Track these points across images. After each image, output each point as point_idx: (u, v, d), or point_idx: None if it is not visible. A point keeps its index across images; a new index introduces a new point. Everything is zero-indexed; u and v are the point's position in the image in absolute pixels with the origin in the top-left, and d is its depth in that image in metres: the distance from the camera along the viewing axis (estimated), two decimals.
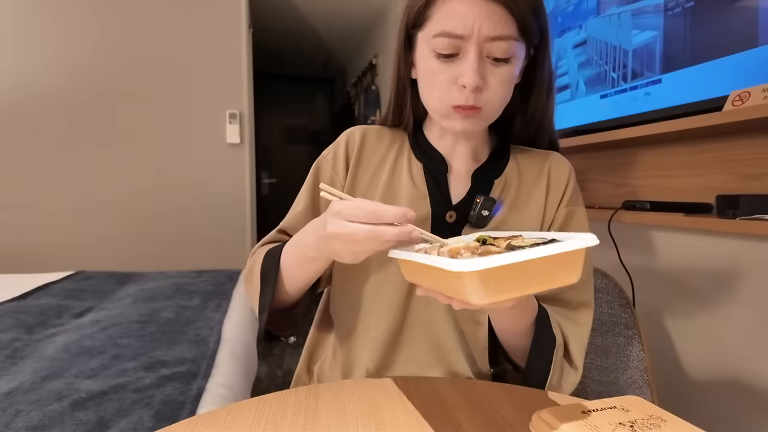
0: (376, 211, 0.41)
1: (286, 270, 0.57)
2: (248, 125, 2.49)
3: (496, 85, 0.53)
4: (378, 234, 0.41)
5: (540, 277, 0.34)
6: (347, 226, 0.42)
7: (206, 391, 0.79)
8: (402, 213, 0.41)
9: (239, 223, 2.49)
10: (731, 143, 0.88)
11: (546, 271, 0.34)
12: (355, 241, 0.42)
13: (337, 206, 0.43)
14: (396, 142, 0.66)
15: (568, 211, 0.62)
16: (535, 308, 0.55)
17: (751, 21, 0.79)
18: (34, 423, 0.65)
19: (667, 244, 1.01)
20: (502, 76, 0.53)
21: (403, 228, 0.41)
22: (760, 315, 0.82)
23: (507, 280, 0.34)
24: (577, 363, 0.57)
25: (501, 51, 0.51)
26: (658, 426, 0.36)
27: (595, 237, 0.35)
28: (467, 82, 0.51)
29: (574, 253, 0.34)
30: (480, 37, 0.50)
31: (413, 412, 0.45)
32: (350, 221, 0.42)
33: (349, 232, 0.42)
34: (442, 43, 0.52)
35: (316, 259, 0.53)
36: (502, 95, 0.55)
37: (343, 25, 3.44)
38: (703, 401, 0.92)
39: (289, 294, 0.59)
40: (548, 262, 0.34)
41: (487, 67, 0.53)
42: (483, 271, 0.32)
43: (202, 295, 1.39)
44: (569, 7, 1.26)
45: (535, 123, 0.64)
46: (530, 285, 0.35)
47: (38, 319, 1.15)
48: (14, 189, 2.17)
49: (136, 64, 2.29)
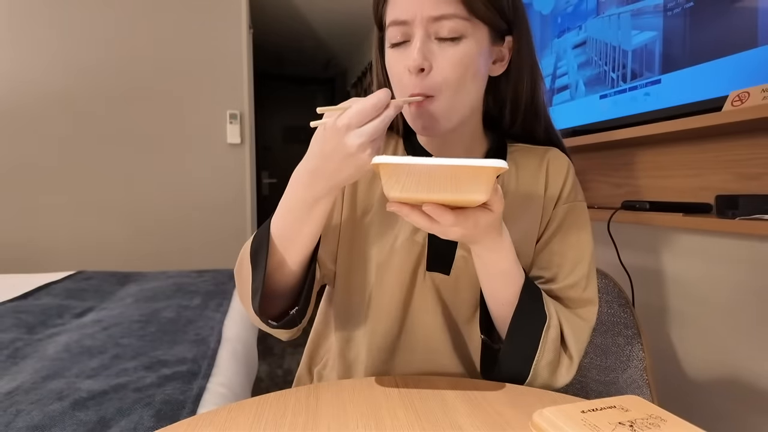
0: (377, 102, 0.43)
1: (282, 235, 0.52)
2: (249, 125, 2.49)
3: (446, 65, 0.50)
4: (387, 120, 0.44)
5: (445, 184, 0.39)
6: (368, 130, 0.43)
7: (207, 390, 0.79)
8: (387, 93, 0.44)
9: (239, 223, 2.50)
10: (730, 143, 0.88)
11: (452, 181, 0.39)
12: (378, 138, 0.44)
13: (343, 120, 0.43)
14: (390, 146, 0.66)
15: (567, 207, 0.60)
16: (520, 277, 0.53)
17: (751, 21, 0.80)
18: (34, 423, 0.65)
19: (667, 244, 1.01)
20: (452, 57, 0.51)
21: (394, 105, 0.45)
22: (759, 315, 0.82)
23: (414, 180, 0.39)
24: (573, 353, 0.54)
25: (447, 30, 0.50)
26: (658, 426, 0.36)
27: (504, 162, 0.37)
28: (409, 62, 0.50)
29: (479, 168, 0.38)
30: (423, 18, 0.50)
31: (413, 412, 0.45)
32: (363, 125, 0.43)
33: (371, 132, 0.43)
34: (392, 32, 0.53)
35: (317, 203, 0.49)
36: (456, 79, 0.51)
37: (343, 26, 3.44)
38: (703, 401, 0.92)
39: (289, 267, 0.53)
40: (454, 172, 0.38)
41: (435, 48, 0.51)
42: (388, 165, 0.38)
43: (203, 294, 1.40)
44: (569, 7, 1.26)
45: (522, 111, 0.62)
46: (437, 190, 0.39)
47: (39, 319, 1.16)
48: (15, 189, 2.18)
49: (136, 64, 2.29)
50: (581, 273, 0.58)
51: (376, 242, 0.60)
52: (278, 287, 0.55)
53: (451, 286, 0.59)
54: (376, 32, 0.61)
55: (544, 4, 1.37)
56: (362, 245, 0.61)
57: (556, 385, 0.55)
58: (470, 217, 0.43)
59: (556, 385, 0.55)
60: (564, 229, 0.60)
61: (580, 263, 0.58)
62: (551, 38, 1.34)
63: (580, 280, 0.58)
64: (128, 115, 2.30)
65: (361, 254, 0.61)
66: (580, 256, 0.59)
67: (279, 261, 0.53)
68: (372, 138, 0.43)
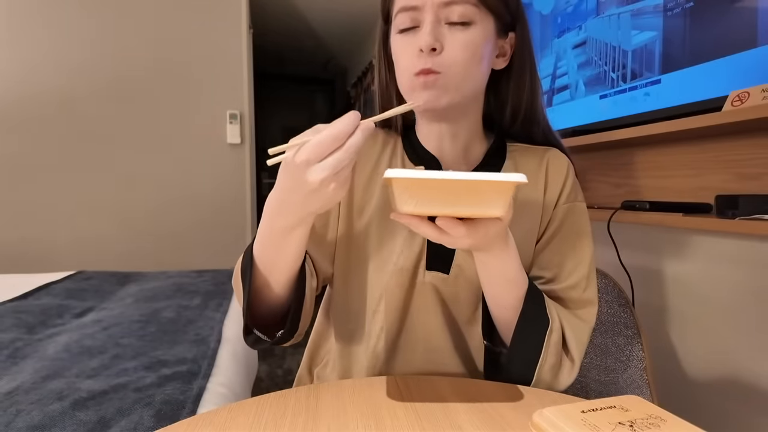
0: (338, 134, 0.40)
1: (262, 260, 0.52)
2: (249, 125, 2.49)
3: (454, 47, 0.53)
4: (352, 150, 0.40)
5: (459, 199, 0.37)
6: (329, 164, 0.40)
7: (207, 390, 0.79)
8: (353, 118, 0.40)
9: (239, 223, 2.50)
10: (730, 143, 0.88)
11: (471, 196, 0.37)
12: (342, 169, 0.40)
13: (301, 156, 0.40)
14: (389, 144, 0.66)
15: (567, 207, 0.60)
16: (523, 282, 0.53)
17: (751, 21, 0.80)
18: (34, 423, 0.65)
19: (667, 244, 1.01)
20: (462, 40, 0.53)
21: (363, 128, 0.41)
22: (760, 315, 0.82)
23: (427, 195, 0.37)
24: (574, 355, 0.55)
25: (457, 15, 0.52)
26: (658, 426, 0.36)
27: (523, 176, 0.36)
28: (421, 42, 0.52)
29: (500, 184, 0.36)
30: (434, 3, 0.52)
31: (413, 412, 0.45)
32: (324, 158, 0.40)
33: (333, 165, 0.40)
34: (401, 18, 0.54)
35: (292, 231, 0.48)
36: (464, 60, 0.53)
37: (343, 26, 3.44)
38: (703, 401, 0.92)
39: (274, 289, 0.53)
40: (473, 187, 0.36)
41: (445, 31, 0.53)
42: (402, 179, 0.36)
43: (203, 294, 1.40)
44: (569, 7, 1.26)
45: (523, 111, 0.63)
46: (449, 205, 0.38)
47: (39, 319, 1.16)
48: (15, 189, 2.18)
49: (136, 64, 2.29)
50: (581, 274, 0.58)
51: (375, 242, 0.60)
52: (270, 304, 0.55)
53: (451, 285, 0.59)
54: (380, 25, 0.62)
55: (544, 4, 1.37)
56: (360, 245, 0.61)
57: (559, 388, 0.55)
58: (480, 228, 0.43)
59: (558, 388, 0.55)
60: (564, 230, 0.60)
61: (580, 264, 0.59)
62: (551, 38, 1.34)
63: (581, 280, 0.58)
64: (128, 114, 2.30)
65: (359, 255, 0.61)
66: (580, 257, 0.59)
67: (263, 282, 0.53)
68: (335, 171, 0.40)
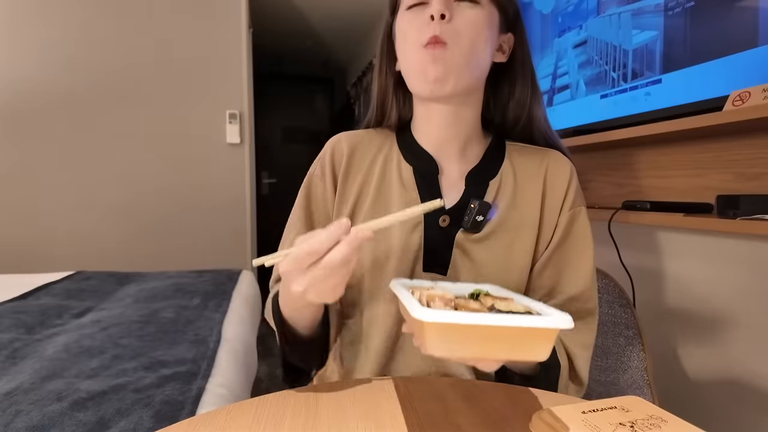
0: (312, 250, 0.40)
1: (287, 316, 0.54)
2: (248, 125, 2.49)
3: (463, 22, 0.54)
4: (331, 265, 0.40)
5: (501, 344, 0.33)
6: (305, 279, 0.41)
7: (206, 391, 0.79)
8: (336, 231, 0.40)
9: (239, 223, 2.49)
10: (731, 143, 0.88)
11: (508, 340, 0.33)
12: (321, 283, 0.41)
13: (283, 267, 0.42)
14: (385, 145, 0.65)
15: (571, 214, 0.60)
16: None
17: (751, 21, 0.79)
18: (34, 423, 0.65)
19: (668, 244, 1.01)
20: (470, 16, 0.54)
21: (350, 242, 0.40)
22: (760, 315, 0.82)
23: (465, 339, 0.33)
24: (583, 378, 0.57)
25: None
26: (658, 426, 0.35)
27: (570, 320, 0.33)
28: (433, 9, 0.53)
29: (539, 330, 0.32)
30: None
31: (413, 412, 0.45)
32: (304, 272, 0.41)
33: (307, 282, 0.41)
34: None
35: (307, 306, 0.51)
36: (471, 35, 0.54)
37: (343, 25, 3.44)
38: (703, 401, 0.92)
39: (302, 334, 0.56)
40: (509, 332, 0.33)
41: (455, 6, 0.55)
42: (438, 324, 0.32)
43: (202, 295, 1.39)
44: (569, 7, 1.26)
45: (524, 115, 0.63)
46: (489, 350, 0.33)
47: (38, 319, 1.15)
48: (14, 189, 2.17)
49: (136, 63, 2.29)
50: (585, 285, 0.58)
51: (371, 245, 0.60)
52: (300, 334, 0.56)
53: None
54: (386, 17, 0.63)
55: (544, 4, 1.37)
56: None
57: None
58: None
59: None
60: (569, 239, 0.60)
61: (583, 274, 0.59)
62: (552, 38, 1.34)
63: (584, 291, 0.58)
64: (128, 114, 2.29)
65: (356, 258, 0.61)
66: (583, 267, 0.59)
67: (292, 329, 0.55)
68: (312, 285, 0.41)
